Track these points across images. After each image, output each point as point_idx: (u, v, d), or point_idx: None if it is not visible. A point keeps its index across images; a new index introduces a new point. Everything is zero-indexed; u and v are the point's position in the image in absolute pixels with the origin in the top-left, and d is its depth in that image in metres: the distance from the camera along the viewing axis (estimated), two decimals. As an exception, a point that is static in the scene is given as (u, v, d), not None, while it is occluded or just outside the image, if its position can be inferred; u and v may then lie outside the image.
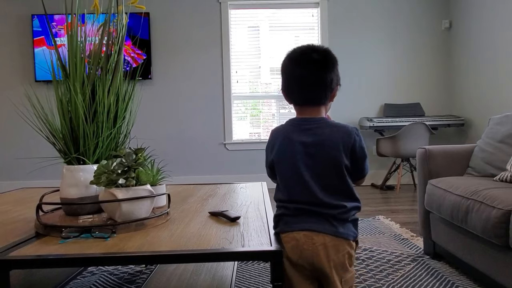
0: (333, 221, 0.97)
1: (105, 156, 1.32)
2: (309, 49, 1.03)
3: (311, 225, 0.97)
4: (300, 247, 0.96)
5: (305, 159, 1.00)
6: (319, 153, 1.00)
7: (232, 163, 4.54)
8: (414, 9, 4.56)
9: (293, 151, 1.01)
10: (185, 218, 1.24)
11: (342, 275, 0.97)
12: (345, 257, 0.98)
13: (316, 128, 1.02)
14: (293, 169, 1.01)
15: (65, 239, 1.03)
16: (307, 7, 4.56)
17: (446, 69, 4.61)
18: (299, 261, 0.96)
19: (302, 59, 1.03)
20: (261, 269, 1.91)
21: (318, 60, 1.01)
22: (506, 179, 1.71)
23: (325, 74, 1.01)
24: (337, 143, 0.99)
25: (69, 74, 1.28)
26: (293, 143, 1.01)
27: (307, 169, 0.99)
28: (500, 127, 1.97)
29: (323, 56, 1.02)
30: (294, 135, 1.02)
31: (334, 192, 0.99)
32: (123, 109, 1.38)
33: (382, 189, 4.25)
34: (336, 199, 0.99)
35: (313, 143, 1.00)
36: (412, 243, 2.25)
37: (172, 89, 4.51)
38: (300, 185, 1.00)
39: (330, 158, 0.99)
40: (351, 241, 1.00)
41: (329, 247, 0.96)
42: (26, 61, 4.39)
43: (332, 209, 0.98)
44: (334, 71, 1.03)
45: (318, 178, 0.99)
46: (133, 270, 1.90)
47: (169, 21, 4.47)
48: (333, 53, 1.05)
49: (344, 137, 1.00)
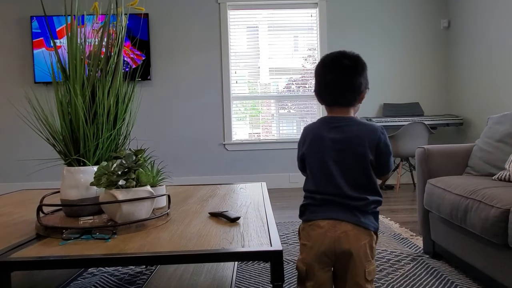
0: (355, 212, 1.04)
1: (105, 157, 1.33)
2: (341, 55, 1.11)
3: (335, 214, 1.04)
4: (324, 234, 1.03)
5: (333, 154, 1.07)
6: (347, 149, 1.07)
7: (232, 164, 4.54)
8: (413, 8, 4.57)
9: (323, 147, 1.09)
10: (185, 219, 1.24)
11: (365, 264, 1.02)
12: (366, 246, 1.03)
13: (344, 126, 1.09)
14: (322, 163, 1.08)
15: (65, 240, 1.03)
16: (305, 8, 4.56)
17: (444, 68, 4.61)
18: (321, 248, 1.03)
19: (334, 64, 1.11)
20: (261, 269, 1.92)
21: (349, 66, 1.09)
22: (505, 178, 1.71)
23: (354, 79, 1.09)
24: (364, 140, 1.06)
25: (69, 75, 1.28)
26: (323, 139, 1.09)
27: (334, 163, 1.07)
28: (498, 126, 1.98)
29: (354, 61, 1.10)
30: (324, 132, 1.10)
31: (358, 185, 1.06)
32: (123, 111, 1.38)
33: (381, 188, 4.25)
34: (359, 192, 1.05)
35: (341, 139, 1.08)
36: (411, 243, 2.25)
37: (172, 90, 4.51)
38: (327, 178, 1.07)
39: (356, 153, 1.06)
40: (372, 231, 1.06)
41: (351, 235, 1.02)
42: (25, 62, 4.39)
43: (355, 200, 1.04)
44: (364, 76, 1.11)
45: (344, 172, 1.06)
46: (133, 271, 1.90)
47: (168, 22, 4.47)
48: (362, 59, 1.13)
49: (370, 134, 1.07)
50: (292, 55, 4.62)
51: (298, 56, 4.63)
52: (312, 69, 4.64)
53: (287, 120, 4.69)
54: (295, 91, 4.66)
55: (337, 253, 1.02)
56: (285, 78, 4.67)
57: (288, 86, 4.68)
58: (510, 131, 1.88)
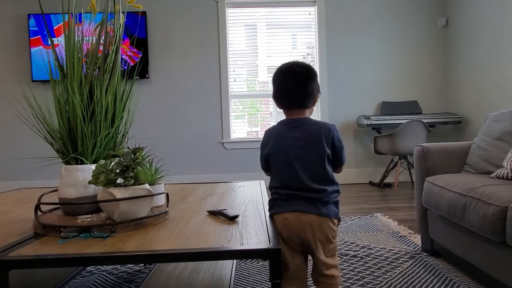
0: (317, 204, 1.17)
1: (103, 155, 1.32)
2: (295, 64, 1.27)
3: (299, 207, 1.17)
4: (290, 225, 1.17)
5: (295, 151, 1.20)
6: (307, 145, 1.21)
7: (230, 162, 4.54)
8: (411, 7, 4.57)
9: (286, 145, 1.22)
10: (184, 217, 1.24)
11: (326, 246, 1.19)
12: (328, 232, 1.18)
13: (302, 125, 1.24)
14: (286, 159, 1.21)
15: (64, 239, 1.03)
16: (304, 5, 4.56)
17: (442, 66, 4.62)
18: (289, 237, 1.17)
19: (290, 71, 1.25)
20: (260, 267, 1.92)
21: (303, 73, 1.25)
22: (503, 176, 1.72)
23: (308, 84, 1.24)
24: (320, 136, 1.21)
25: (66, 74, 1.28)
26: (285, 138, 1.23)
27: (296, 158, 1.20)
28: (496, 124, 1.98)
29: (307, 69, 1.26)
30: (286, 132, 1.24)
31: (318, 178, 1.19)
32: (121, 109, 1.38)
33: (380, 186, 4.26)
34: (319, 184, 1.18)
35: (301, 137, 1.21)
36: (410, 240, 2.26)
37: (170, 88, 4.50)
38: (290, 173, 1.20)
39: (315, 148, 1.20)
40: (333, 219, 1.20)
41: (314, 225, 1.16)
42: (22, 61, 4.38)
43: (316, 193, 1.17)
44: (315, 82, 1.27)
45: (305, 166, 1.19)
46: (132, 269, 1.90)
47: (166, 20, 4.46)
48: (313, 68, 1.29)
49: (325, 131, 1.22)
50: (290, 53, 4.61)
51: (296, 54, 4.63)
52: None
53: (286, 119, 4.69)
54: (294, 89, 4.66)
55: (303, 240, 1.17)
56: (284, 76, 4.66)
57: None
58: (508, 129, 1.88)
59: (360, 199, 3.62)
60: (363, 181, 4.57)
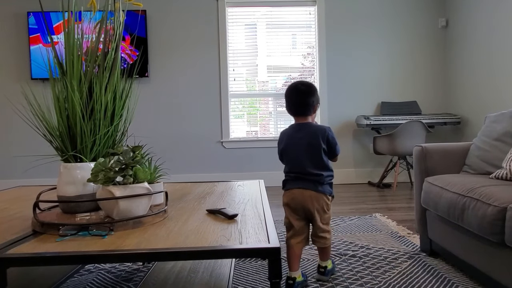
0: (316, 183, 1.62)
1: (103, 153, 1.32)
2: (299, 83, 1.70)
3: (302, 185, 1.62)
4: (296, 198, 1.63)
5: (301, 147, 1.65)
6: (309, 142, 1.64)
7: (229, 161, 4.54)
8: (411, 7, 4.57)
9: (294, 143, 1.67)
10: (183, 216, 1.24)
11: (322, 215, 1.64)
12: (323, 204, 1.63)
13: (304, 128, 1.68)
14: (294, 153, 1.67)
15: (62, 237, 1.02)
16: (304, 5, 4.55)
17: (442, 67, 4.62)
18: (296, 206, 1.63)
19: (295, 89, 1.69)
20: (258, 266, 1.92)
21: (304, 90, 1.68)
22: (502, 176, 1.72)
23: (308, 98, 1.67)
24: (318, 136, 1.64)
25: (66, 71, 1.27)
26: (293, 138, 1.68)
27: (303, 153, 1.64)
28: (496, 125, 1.98)
29: (307, 87, 1.69)
30: (293, 133, 1.70)
31: (316, 165, 1.63)
32: (120, 107, 1.37)
33: (379, 187, 4.26)
34: (317, 170, 1.63)
35: (305, 136, 1.65)
36: (408, 241, 2.26)
37: (169, 87, 4.50)
38: (297, 162, 1.65)
39: (315, 144, 1.63)
40: (327, 195, 1.65)
41: (313, 198, 1.61)
42: (21, 58, 4.37)
43: (315, 176, 1.62)
44: (315, 96, 1.69)
45: (307, 158, 1.63)
46: (130, 268, 1.90)
47: (166, 19, 4.46)
48: (314, 85, 1.71)
49: (321, 132, 1.65)
50: (290, 53, 4.61)
51: (296, 54, 4.63)
52: (311, 67, 4.64)
53: (285, 118, 4.68)
54: (293, 89, 4.66)
55: (305, 209, 1.62)
56: (283, 76, 4.66)
57: (286, 84, 4.67)
58: (508, 130, 1.88)
59: (359, 199, 3.62)
60: (362, 181, 4.57)
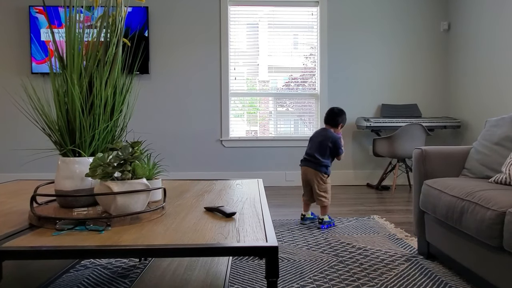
0: (316, 165, 2.64)
1: (101, 148, 1.31)
2: (335, 107, 2.77)
3: (307, 164, 2.68)
4: (303, 172, 2.72)
5: (316, 142, 2.68)
6: (321, 140, 2.67)
7: (228, 160, 4.54)
8: (413, 10, 4.57)
9: (313, 138, 2.73)
10: (181, 213, 1.23)
11: (318, 185, 2.64)
12: (319, 178, 2.63)
13: (323, 132, 2.72)
14: (310, 144, 2.73)
15: (59, 231, 1.02)
16: (307, 6, 4.55)
17: (443, 70, 4.62)
18: (304, 178, 2.72)
19: (331, 109, 2.78)
20: (255, 266, 1.91)
21: (334, 111, 2.75)
22: (501, 181, 1.71)
23: (335, 116, 2.74)
24: (328, 138, 2.66)
25: (66, 65, 1.27)
26: (315, 135, 2.74)
27: (314, 145, 2.68)
28: (496, 129, 1.98)
29: (338, 110, 2.75)
30: (317, 133, 2.75)
31: (321, 155, 2.64)
32: (120, 102, 1.37)
33: (377, 189, 4.26)
34: (321, 157, 2.64)
35: (320, 136, 2.69)
36: (406, 243, 2.25)
37: (170, 85, 4.49)
38: (310, 150, 2.70)
39: (324, 142, 2.66)
40: (323, 173, 2.64)
41: (313, 174, 2.64)
42: (22, 52, 4.36)
43: (316, 159, 2.64)
44: (341, 117, 2.74)
45: (317, 148, 2.66)
46: (126, 264, 1.89)
47: (168, 17, 4.45)
48: (343, 111, 2.76)
49: (331, 137, 2.65)
50: (291, 53, 4.61)
51: (298, 55, 4.62)
52: (313, 68, 4.63)
53: (285, 118, 4.68)
54: (294, 89, 4.66)
55: (308, 179, 2.69)
56: (285, 76, 4.66)
57: (287, 84, 4.67)
58: (508, 134, 1.88)
59: (358, 201, 3.62)
60: (360, 183, 4.57)
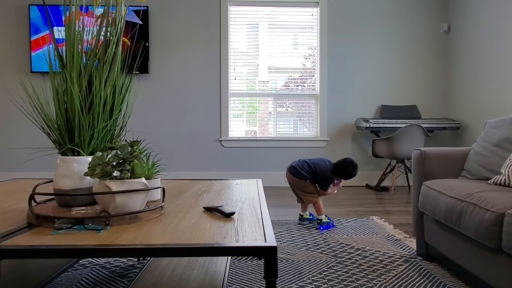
0: (299, 174, 2.69)
1: (100, 147, 1.31)
2: (353, 160, 2.68)
3: (292, 171, 2.72)
4: (289, 177, 2.76)
5: (316, 163, 2.72)
6: (320, 167, 2.69)
7: (227, 160, 4.53)
8: (413, 11, 4.57)
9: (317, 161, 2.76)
10: (180, 213, 1.23)
11: (302, 190, 2.71)
12: (301, 184, 2.69)
13: (329, 166, 2.73)
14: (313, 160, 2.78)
15: (57, 230, 1.02)
16: (307, 6, 4.55)
17: (443, 72, 4.63)
18: (290, 183, 2.78)
19: (348, 163, 2.68)
20: (254, 266, 1.91)
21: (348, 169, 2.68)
22: (500, 182, 1.71)
23: (346, 172, 2.70)
24: (325, 171, 2.70)
25: (65, 64, 1.27)
26: (312, 158, 2.80)
27: (313, 163, 2.71)
28: (495, 130, 1.98)
29: (352, 168, 2.68)
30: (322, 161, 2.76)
31: (309, 173, 2.69)
32: (119, 101, 1.36)
33: (376, 190, 4.26)
34: (308, 174, 2.69)
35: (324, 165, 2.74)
36: (405, 244, 2.25)
37: (170, 84, 4.49)
38: (306, 161, 2.74)
39: (323, 171, 2.69)
40: (305, 180, 2.68)
41: (295, 180, 2.71)
42: (22, 51, 4.35)
43: (303, 171, 2.68)
44: (348, 174, 2.69)
45: (311, 166, 2.70)
46: (125, 264, 1.89)
47: (168, 16, 4.45)
48: (356, 165, 2.68)
49: (326, 175, 2.70)
50: (291, 53, 4.61)
51: (297, 55, 4.63)
52: (312, 68, 4.64)
53: (284, 119, 4.68)
54: (294, 90, 4.66)
55: (292, 185, 2.75)
56: (284, 76, 4.66)
57: (287, 85, 4.67)
58: (507, 136, 1.88)
59: (356, 202, 3.62)
60: (359, 184, 4.57)
